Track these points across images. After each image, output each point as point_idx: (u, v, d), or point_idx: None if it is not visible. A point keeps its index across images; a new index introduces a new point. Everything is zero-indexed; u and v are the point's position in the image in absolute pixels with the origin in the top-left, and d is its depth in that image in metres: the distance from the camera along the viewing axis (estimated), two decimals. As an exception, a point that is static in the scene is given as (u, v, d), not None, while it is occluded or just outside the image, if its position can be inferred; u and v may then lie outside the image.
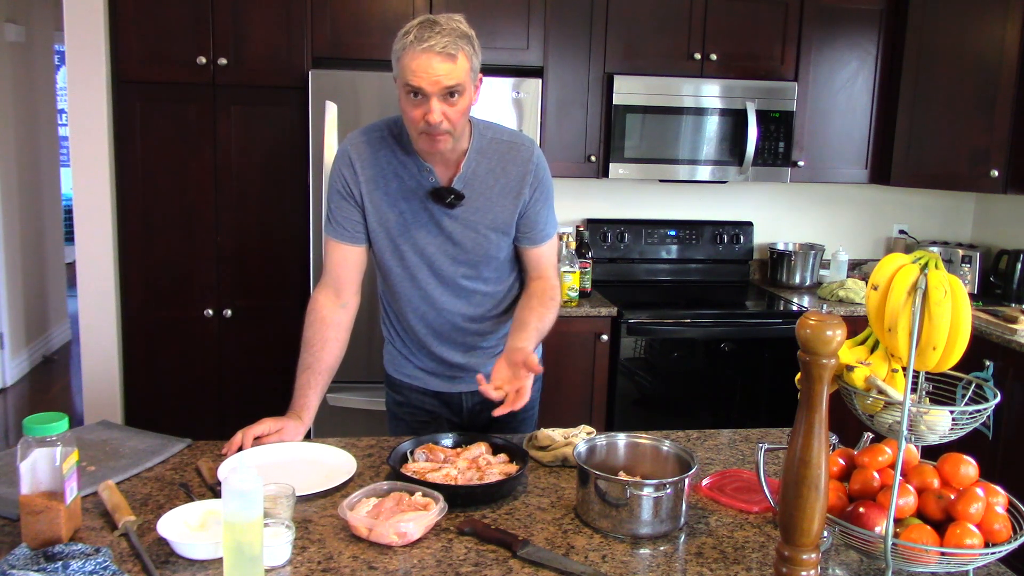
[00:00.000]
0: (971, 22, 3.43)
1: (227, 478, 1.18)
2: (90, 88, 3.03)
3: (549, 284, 1.95)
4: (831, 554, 1.38)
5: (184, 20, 3.02)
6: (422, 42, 1.63)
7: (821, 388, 1.13)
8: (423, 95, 1.66)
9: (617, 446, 1.62)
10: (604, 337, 3.26)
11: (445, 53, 1.63)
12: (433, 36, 1.63)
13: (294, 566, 1.30)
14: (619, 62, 3.42)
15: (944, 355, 1.24)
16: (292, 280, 3.19)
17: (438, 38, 1.63)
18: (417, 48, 1.63)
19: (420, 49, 1.63)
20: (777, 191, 3.97)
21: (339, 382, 2.03)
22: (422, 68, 1.63)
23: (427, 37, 1.63)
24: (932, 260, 1.24)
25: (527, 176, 1.86)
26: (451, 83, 1.65)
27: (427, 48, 1.63)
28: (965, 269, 3.77)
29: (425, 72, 1.63)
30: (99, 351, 3.17)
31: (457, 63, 1.65)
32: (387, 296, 1.99)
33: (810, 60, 3.55)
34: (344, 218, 1.85)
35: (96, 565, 1.21)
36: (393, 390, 2.09)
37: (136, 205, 3.11)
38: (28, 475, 1.29)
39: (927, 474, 1.32)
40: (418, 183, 1.82)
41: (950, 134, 3.50)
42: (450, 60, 1.64)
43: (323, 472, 1.62)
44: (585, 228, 3.73)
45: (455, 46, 1.65)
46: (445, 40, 1.63)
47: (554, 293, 1.94)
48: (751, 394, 3.41)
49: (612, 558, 1.36)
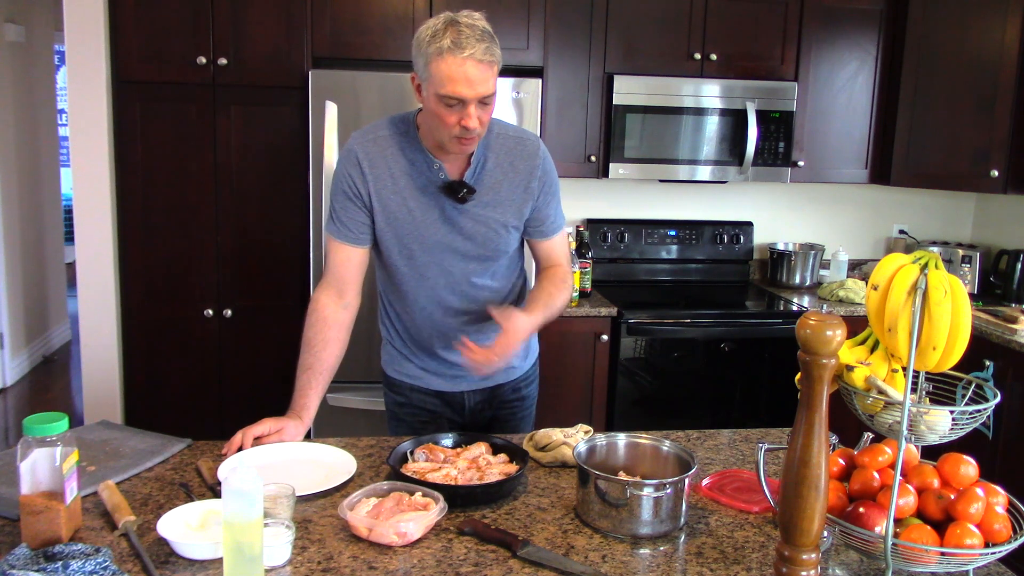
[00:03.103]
0: (971, 22, 3.43)
1: (227, 478, 1.18)
2: (90, 88, 3.03)
3: (563, 270, 1.98)
4: (831, 554, 1.38)
5: (184, 20, 3.02)
6: (460, 49, 1.61)
7: (821, 388, 1.13)
8: (460, 103, 1.65)
9: (617, 446, 1.62)
10: (604, 337, 3.26)
11: (485, 61, 1.63)
12: (470, 43, 1.62)
13: (294, 566, 1.30)
14: (619, 62, 3.42)
15: (944, 355, 1.24)
16: (292, 280, 3.19)
17: (476, 45, 1.62)
18: (458, 55, 1.61)
19: (462, 57, 1.61)
20: (777, 191, 3.97)
21: (339, 382, 2.03)
22: (463, 77, 1.62)
23: (464, 44, 1.61)
24: (932, 260, 1.24)
25: (535, 171, 1.87)
26: (489, 91, 1.66)
27: (469, 56, 1.61)
28: (965, 269, 3.77)
29: (466, 81, 1.62)
30: (99, 351, 3.17)
31: (493, 68, 1.66)
32: (390, 296, 1.99)
33: (810, 60, 3.55)
34: (349, 219, 1.85)
35: (96, 565, 1.21)
36: (393, 391, 2.08)
37: (136, 205, 3.11)
38: (28, 475, 1.29)
39: (927, 474, 1.32)
40: (428, 180, 1.82)
41: (950, 134, 3.50)
42: (488, 68, 1.65)
43: (323, 472, 1.62)
44: (585, 228, 3.73)
45: (491, 53, 1.65)
46: (483, 46, 1.63)
47: (566, 277, 1.97)
48: (751, 394, 3.41)
49: (612, 558, 1.36)
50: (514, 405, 2.08)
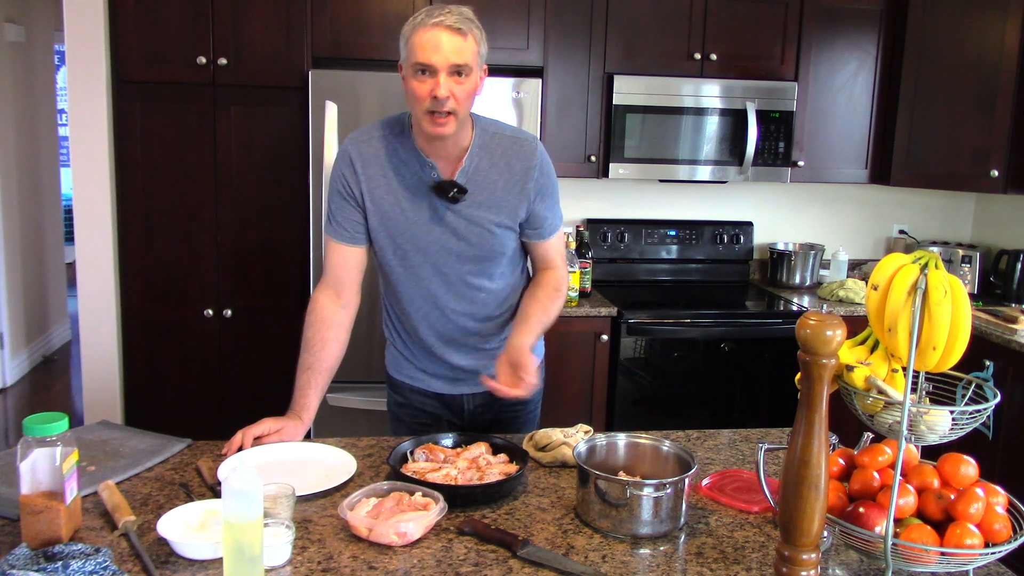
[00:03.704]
0: (971, 22, 3.43)
1: (227, 478, 1.18)
2: (90, 88, 3.03)
3: (558, 274, 1.97)
4: (831, 554, 1.38)
5: (184, 20, 3.01)
6: (432, 18, 1.66)
7: (821, 388, 1.13)
8: (431, 71, 1.67)
9: (617, 446, 1.62)
10: (604, 337, 3.26)
11: (455, 28, 1.66)
12: (443, 14, 1.67)
13: (294, 566, 1.30)
14: (619, 62, 3.42)
15: (944, 355, 1.24)
16: (292, 280, 3.19)
17: (448, 16, 1.66)
18: (428, 23, 1.66)
19: (431, 24, 1.66)
20: (777, 191, 3.97)
21: (339, 382, 2.03)
22: (431, 43, 1.65)
23: (437, 14, 1.67)
24: (932, 260, 1.24)
25: (531, 171, 1.86)
26: (460, 60, 1.67)
27: (437, 23, 1.65)
28: (965, 269, 3.77)
29: (435, 47, 1.65)
30: (99, 351, 3.16)
31: (467, 40, 1.68)
32: (389, 298, 1.99)
33: (810, 60, 3.55)
34: (345, 219, 1.85)
35: (96, 565, 1.21)
36: (395, 391, 2.08)
37: (136, 205, 3.11)
38: (28, 475, 1.29)
39: (927, 474, 1.32)
40: (420, 179, 1.82)
41: (950, 134, 3.50)
42: (460, 35, 1.67)
43: (323, 472, 1.62)
44: (585, 228, 3.73)
45: (465, 24, 1.68)
46: (455, 17, 1.67)
47: (560, 284, 1.96)
48: (751, 394, 3.41)
49: (612, 558, 1.36)
50: (516, 409, 2.07)
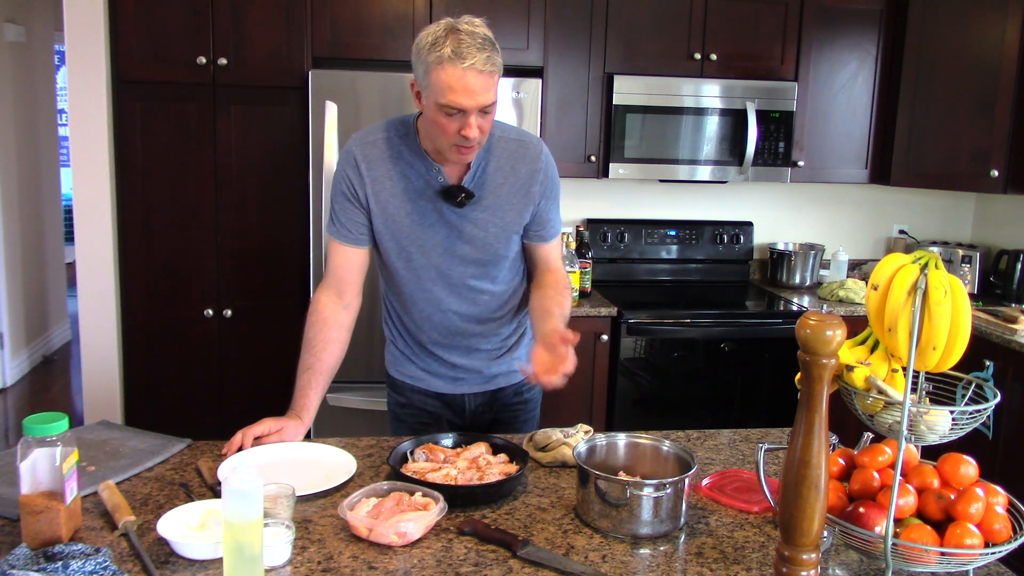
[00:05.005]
0: (971, 22, 3.43)
1: (227, 478, 1.18)
2: (90, 88, 3.03)
3: (560, 275, 1.96)
4: (831, 554, 1.38)
5: (184, 20, 3.01)
6: (461, 59, 1.59)
7: (821, 388, 1.13)
8: (461, 112, 1.64)
9: (617, 446, 1.62)
10: (604, 337, 3.26)
11: (486, 71, 1.61)
12: (471, 52, 1.59)
13: (294, 566, 1.30)
14: (619, 62, 3.42)
15: (944, 355, 1.24)
16: (292, 280, 3.19)
17: (476, 54, 1.60)
18: (458, 65, 1.59)
19: (462, 68, 1.59)
20: (777, 191, 3.97)
21: (339, 382, 2.03)
22: (461, 87, 1.60)
23: (465, 53, 1.59)
24: (932, 260, 1.24)
25: (536, 174, 1.86)
26: (489, 101, 1.65)
27: (470, 67, 1.59)
28: (965, 269, 3.77)
29: (466, 91, 1.61)
30: (99, 351, 3.17)
31: (494, 78, 1.64)
32: (391, 297, 1.99)
33: (810, 60, 3.55)
34: (348, 220, 1.85)
35: (96, 565, 1.21)
36: (395, 391, 2.08)
37: (136, 205, 3.11)
38: (28, 475, 1.29)
39: (927, 474, 1.32)
40: (426, 183, 1.81)
41: (950, 134, 3.50)
42: (489, 77, 1.63)
43: (323, 472, 1.62)
44: (585, 228, 3.73)
45: (492, 62, 1.62)
46: (483, 56, 1.60)
47: (566, 283, 1.96)
48: (751, 394, 3.41)
49: (612, 558, 1.36)
50: (516, 408, 2.07)
